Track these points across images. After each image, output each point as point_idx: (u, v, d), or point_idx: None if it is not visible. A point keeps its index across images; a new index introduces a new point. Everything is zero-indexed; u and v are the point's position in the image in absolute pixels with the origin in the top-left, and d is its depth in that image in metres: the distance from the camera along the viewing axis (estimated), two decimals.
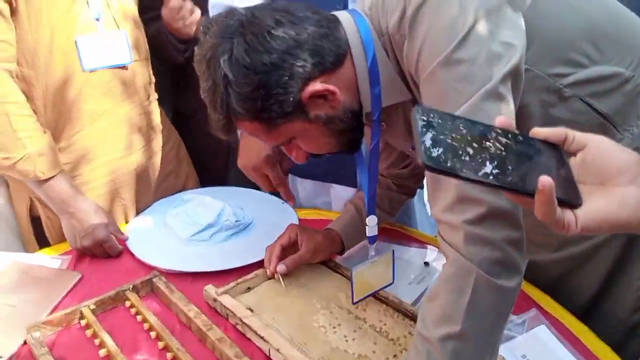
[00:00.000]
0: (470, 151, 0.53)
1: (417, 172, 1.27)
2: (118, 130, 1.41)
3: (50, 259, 1.29)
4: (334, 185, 1.57)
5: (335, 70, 0.89)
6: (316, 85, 0.87)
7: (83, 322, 1.07)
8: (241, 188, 1.63)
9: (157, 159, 1.54)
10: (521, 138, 0.58)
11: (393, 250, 1.12)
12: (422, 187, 1.35)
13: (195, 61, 0.89)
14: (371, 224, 1.09)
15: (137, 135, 1.46)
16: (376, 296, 1.11)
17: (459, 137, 0.54)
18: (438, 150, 0.52)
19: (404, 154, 1.23)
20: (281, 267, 1.13)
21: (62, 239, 1.37)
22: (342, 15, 0.93)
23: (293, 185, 1.71)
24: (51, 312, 1.11)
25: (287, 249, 1.17)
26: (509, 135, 0.57)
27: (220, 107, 0.87)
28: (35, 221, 1.41)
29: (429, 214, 1.42)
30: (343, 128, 0.93)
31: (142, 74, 1.45)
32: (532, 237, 0.87)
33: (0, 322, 1.07)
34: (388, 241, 1.35)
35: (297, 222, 1.39)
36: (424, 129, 0.53)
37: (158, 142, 1.55)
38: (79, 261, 1.29)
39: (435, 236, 0.93)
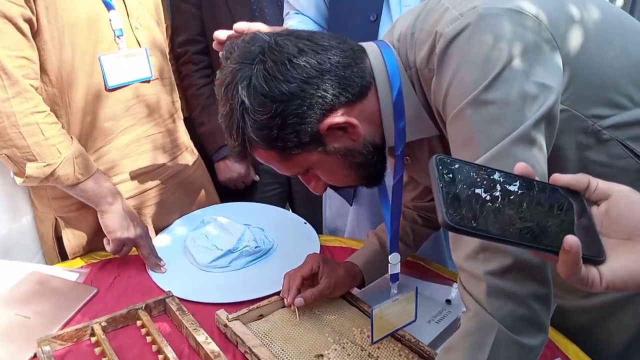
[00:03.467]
0: (491, 206, 0.51)
1: None
2: (140, 147, 1.41)
3: (68, 272, 1.30)
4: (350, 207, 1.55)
5: (358, 102, 0.86)
6: (336, 117, 0.84)
7: (93, 339, 1.06)
8: (263, 205, 1.62)
9: (181, 177, 1.54)
10: (542, 186, 0.55)
11: (417, 288, 1.08)
12: None
13: (215, 85, 0.88)
14: (394, 261, 1.05)
15: (161, 153, 1.47)
16: (392, 334, 1.07)
17: (478, 189, 0.52)
18: (458, 209, 0.50)
19: (430, 187, 1.19)
20: (299, 300, 1.09)
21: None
22: (369, 46, 0.91)
23: (323, 199, 1.69)
24: (64, 326, 1.11)
25: (307, 279, 1.14)
26: (530, 184, 0.55)
27: (235, 134, 0.86)
28: (59, 241, 1.43)
29: None
30: (362, 161, 0.90)
31: (165, 93, 1.46)
32: (559, 281, 0.82)
33: (13, 333, 1.08)
34: (408, 274, 1.30)
35: (318, 248, 1.38)
36: (443, 183, 0.51)
37: (183, 160, 1.55)
38: (96, 276, 1.29)
39: None
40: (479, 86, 0.75)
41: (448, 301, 1.23)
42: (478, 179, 0.53)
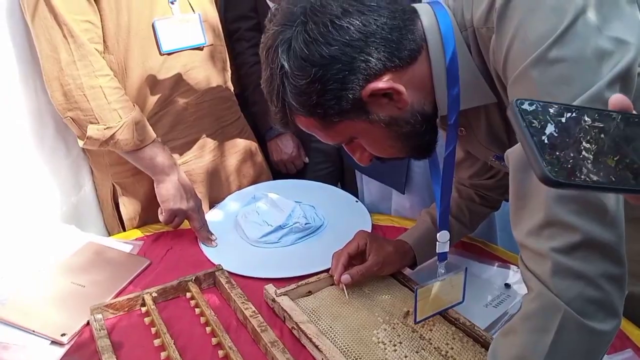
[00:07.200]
0: (590, 150, 0.43)
1: (503, 183, 1.15)
2: (193, 115, 1.41)
3: (122, 243, 1.32)
4: (394, 191, 1.50)
5: (407, 68, 0.81)
6: (379, 83, 0.79)
7: (144, 309, 1.07)
8: (315, 182, 1.59)
9: (233, 147, 1.54)
10: None
11: (466, 268, 1.02)
12: (507, 199, 1.23)
13: (260, 49, 0.85)
14: (442, 239, 0.99)
15: (213, 121, 1.46)
16: (446, 317, 1.02)
17: (573, 133, 0.44)
18: (555, 160, 0.42)
19: (488, 164, 1.12)
20: (345, 278, 1.06)
21: (136, 224, 1.42)
22: (421, 7, 0.85)
23: (360, 186, 1.65)
24: (116, 295, 1.13)
25: (355, 257, 1.11)
26: (627, 119, 0.46)
27: (276, 100, 0.82)
28: (118, 207, 1.46)
29: None
30: (409, 131, 0.85)
31: (218, 61, 1.45)
32: (629, 266, 0.75)
33: (69, 300, 1.11)
34: (466, 257, 1.25)
35: (370, 226, 1.34)
36: (532, 131, 0.43)
37: (235, 130, 1.54)
38: (149, 248, 1.31)
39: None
40: (545, 42, 0.67)
41: (507, 285, 1.16)
42: (569, 121, 0.44)
